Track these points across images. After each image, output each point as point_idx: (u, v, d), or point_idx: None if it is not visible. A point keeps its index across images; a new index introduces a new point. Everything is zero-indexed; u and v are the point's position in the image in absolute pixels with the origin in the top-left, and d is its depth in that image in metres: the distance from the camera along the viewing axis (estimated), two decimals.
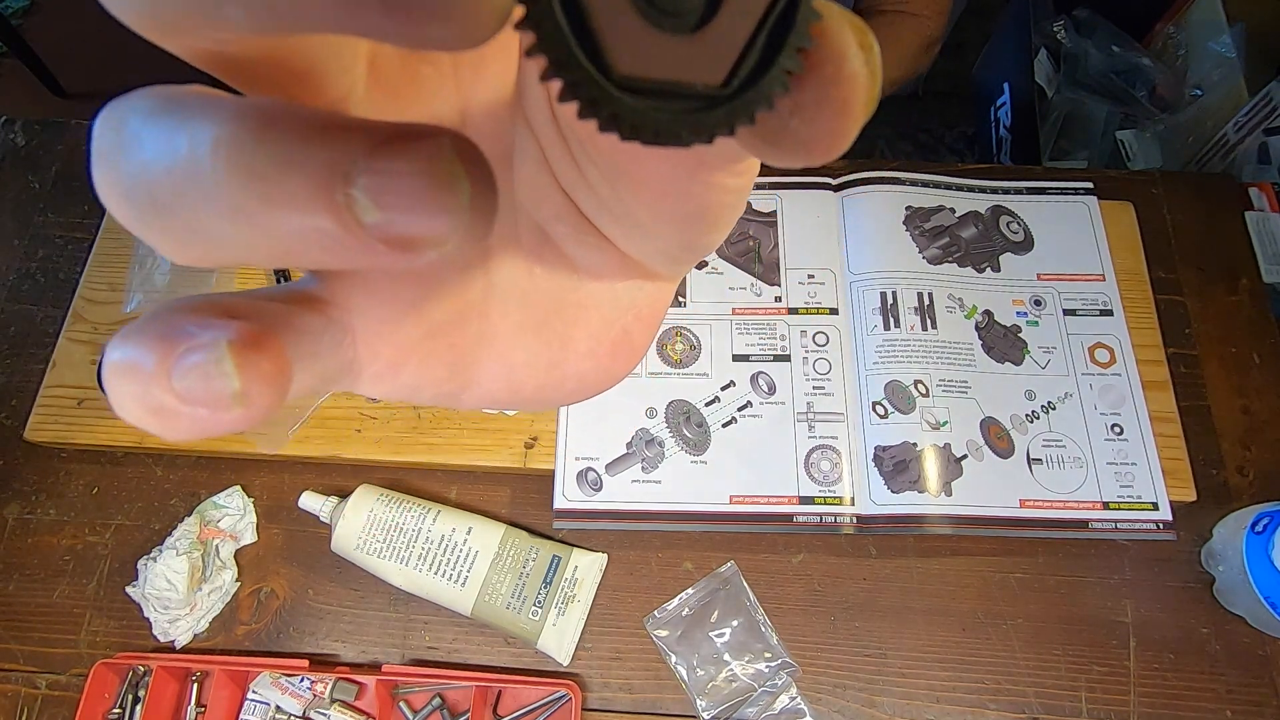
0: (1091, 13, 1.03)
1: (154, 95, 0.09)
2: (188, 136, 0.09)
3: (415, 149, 0.08)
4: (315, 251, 0.09)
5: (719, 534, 0.60)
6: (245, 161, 0.08)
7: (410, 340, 0.14)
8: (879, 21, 0.81)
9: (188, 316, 0.09)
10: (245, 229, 0.09)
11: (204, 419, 0.09)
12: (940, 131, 1.34)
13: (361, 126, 0.08)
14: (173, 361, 0.09)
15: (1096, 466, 0.60)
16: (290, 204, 0.08)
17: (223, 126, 0.08)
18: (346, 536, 0.56)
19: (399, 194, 0.08)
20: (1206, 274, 0.68)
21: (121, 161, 0.09)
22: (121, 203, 0.09)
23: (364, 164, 0.08)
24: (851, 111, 0.10)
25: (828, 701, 0.56)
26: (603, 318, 0.16)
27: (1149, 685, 0.56)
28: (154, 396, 0.09)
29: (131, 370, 0.09)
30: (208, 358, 0.09)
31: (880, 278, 0.65)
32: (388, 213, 0.08)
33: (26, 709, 0.56)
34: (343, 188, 0.08)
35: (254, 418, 0.09)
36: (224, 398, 0.09)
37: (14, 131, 0.76)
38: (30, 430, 0.61)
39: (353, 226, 0.08)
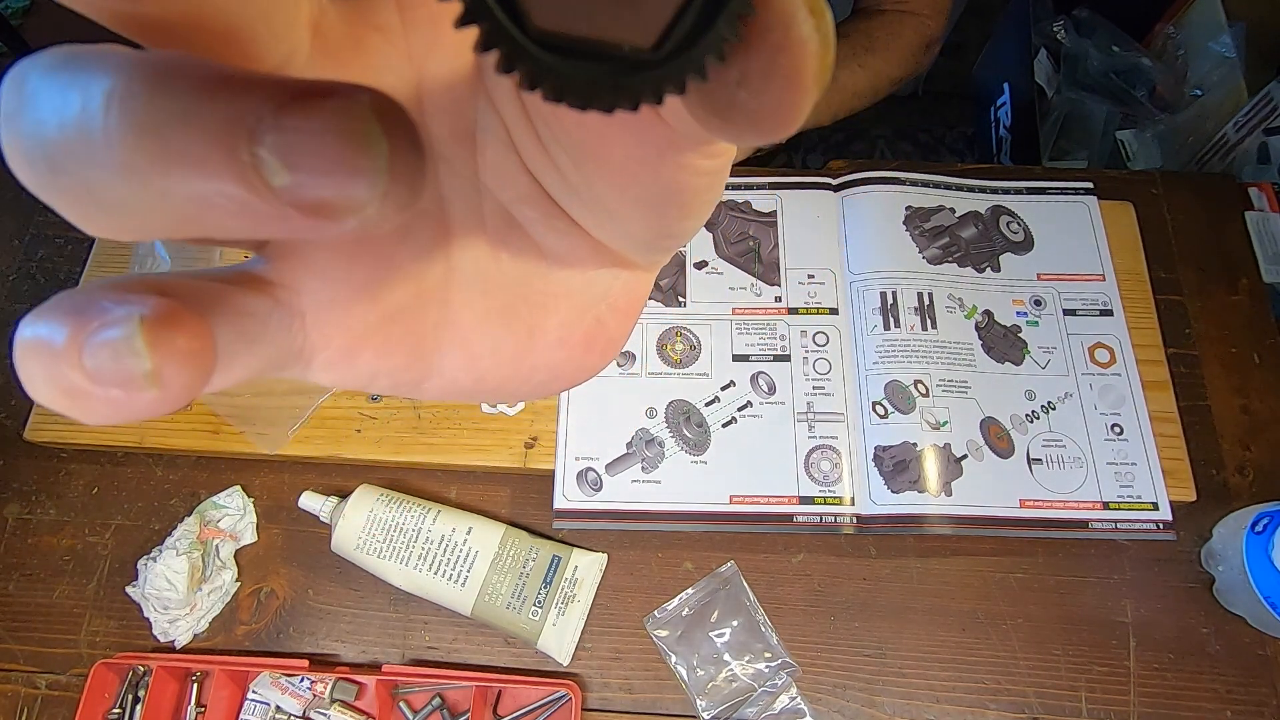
0: (1091, 13, 1.02)
1: (56, 51, 0.09)
2: (80, 91, 0.08)
3: (327, 105, 0.08)
4: (223, 218, 0.08)
5: (719, 534, 0.60)
6: (139, 117, 0.08)
7: (365, 325, 0.13)
8: (879, 21, 0.80)
9: (107, 293, 0.09)
10: (143, 192, 0.08)
11: (118, 401, 0.08)
12: (940, 131, 1.34)
13: (270, 81, 0.08)
14: (83, 339, 0.08)
15: (1096, 466, 0.60)
16: (189, 164, 0.08)
17: (116, 79, 0.08)
18: (346, 536, 0.56)
19: (309, 154, 0.07)
20: (1206, 274, 0.68)
21: (20, 121, 0.08)
22: (22, 164, 0.09)
23: (271, 120, 0.07)
24: (801, 81, 0.09)
25: (828, 701, 0.56)
26: (574, 306, 0.15)
27: (1149, 685, 0.56)
28: (64, 376, 0.08)
29: (41, 348, 0.08)
30: (119, 335, 0.08)
31: (880, 278, 0.65)
32: (298, 174, 0.08)
33: (26, 709, 0.56)
34: (247, 146, 0.07)
35: (171, 400, 0.09)
36: (136, 377, 0.08)
37: None
38: (30, 430, 0.61)
39: (260, 189, 0.08)
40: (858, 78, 0.78)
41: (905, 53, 0.81)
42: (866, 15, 0.81)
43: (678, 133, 0.11)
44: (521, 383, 0.15)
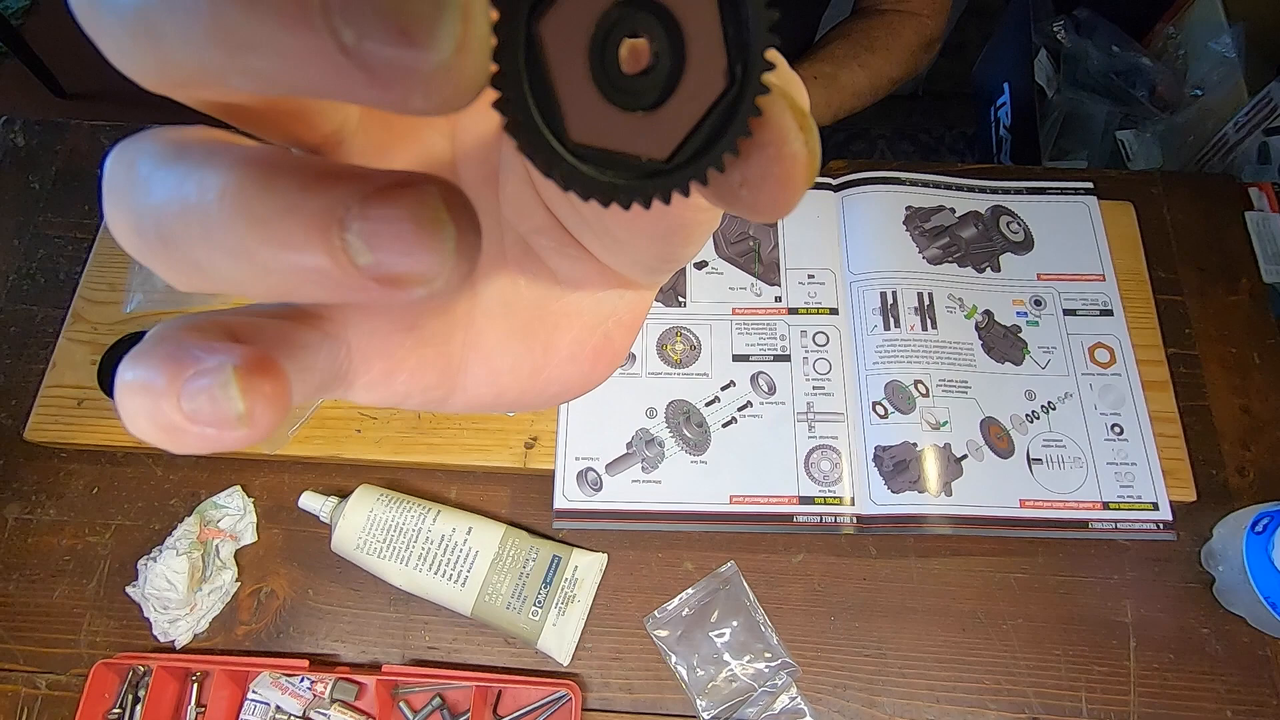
0: (1091, 13, 1.02)
1: (163, 140, 0.10)
2: (196, 184, 0.09)
3: (404, 196, 0.09)
4: (312, 288, 0.09)
5: (719, 534, 0.60)
6: (249, 208, 0.09)
7: (402, 351, 0.14)
8: (879, 21, 0.80)
9: (195, 339, 0.10)
10: (247, 267, 0.09)
11: (211, 437, 0.10)
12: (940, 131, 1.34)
13: (356, 175, 0.09)
14: (181, 384, 0.09)
15: (1096, 466, 0.60)
16: (290, 246, 0.09)
17: (229, 175, 0.09)
18: (346, 536, 0.56)
19: (390, 238, 0.09)
20: (1206, 274, 0.68)
21: (132, 201, 0.10)
22: (131, 237, 0.10)
23: (358, 210, 0.09)
24: (792, 185, 0.11)
25: (828, 701, 0.56)
26: (585, 324, 0.17)
27: (1149, 685, 0.56)
28: (165, 415, 0.10)
29: (143, 390, 0.10)
30: (215, 382, 0.09)
31: (880, 278, 0.65)
32: (379, 254, 0.09)
33: (26, 709, 0.56)
34: (339, 232, 0.09)
35: (257, 436, 0.10)
36: (230, 418, 0.09)
37: (14, 131, 0.76)
38: (30, 430, 0.61)
39: (347, 267, 0.09)
40: (858, 78, 0.78)
41: (905, 52, 0.81)
42: (866, 15, 0.81)
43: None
44: (536, 395, 0.17)
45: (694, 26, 0.10)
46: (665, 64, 0.10)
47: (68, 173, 0.73)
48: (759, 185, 0.11)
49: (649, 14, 0.10)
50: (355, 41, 0.08)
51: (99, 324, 0.65)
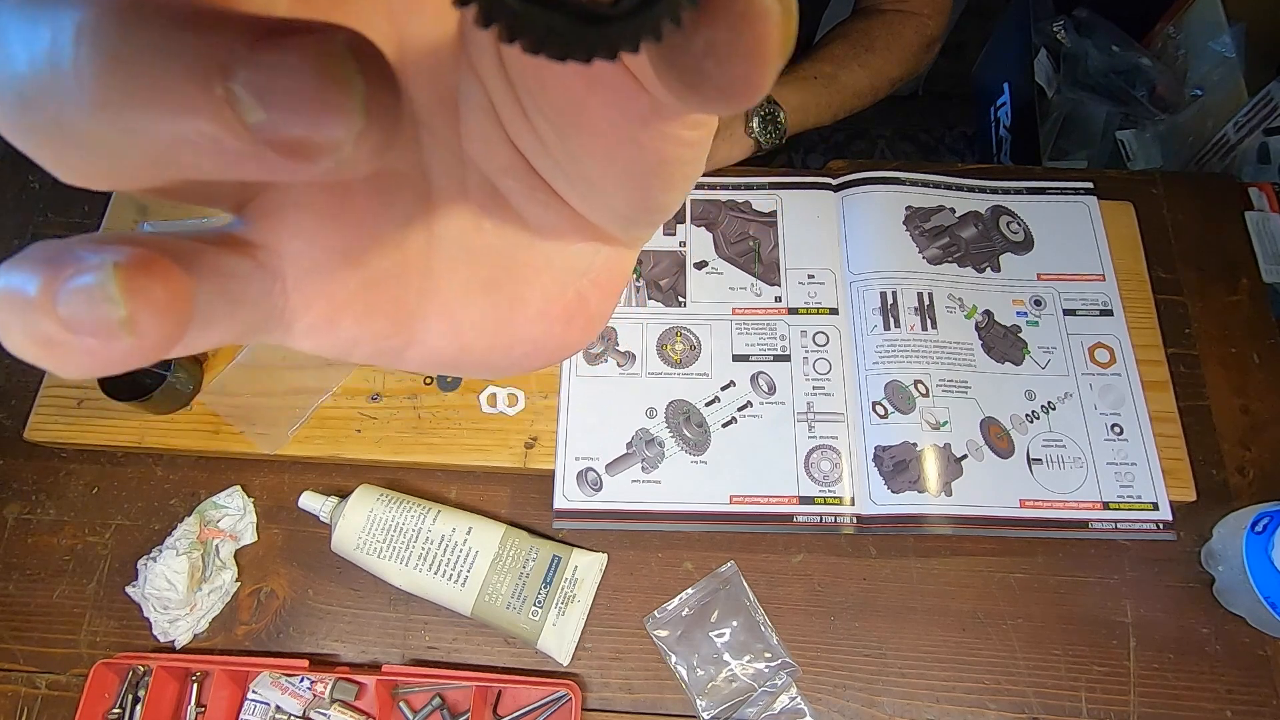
0: (1091, 13, 1.03)
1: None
2: (50, 24, 0.08)
3: (304, 42, 0.07)
4: (197, 157, 0.08)
5: (719, 534, 0.60)
6: (110, 51, 0.07)
7: (347, 291, 0.13)
8: (879, 21, 0.80)
9: (83, 244, 0.09)
10: (116, 130, 0.08)
11: (94, 350, 0.08)
12: (940, 131, 1.34)
13: (245, 17, 0.08)
14: (58, 286, 0.08)
15: (1096, 466, 0.60)
16: (163, 100, 0.08)
17: (86, 11, 0.08)
18: (346, 536, 0.56)
19: (284, 91, 0.07)
20: (1206, 274, 0.68)
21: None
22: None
23: (245, 55, 0.07)
24: (766, 53, 0.09)
25: (828, 701, 0.56)
26: (556, 279, 0.15)
27: (1149, 685, 0.56)
28: (39, 326, 0.08)
29: (15, 298, 0.08)
30: (94, 280, 0.08)
31: (880, 278, 0.65)
32: (273, 111, 0.07)
33: (26, 709, 0.56)
34: (221, 81, 0.07)
35: (148, 349, 0.08)
36: (111, 324, 0.08)
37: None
38: (30, 430, 0.61)
39: (235, 126, 0.08)
40: (858, 77, 0.78)
41: (905, 52, 0.81)
42: (866, 15, 0.81)
43: (658, 102, 0.11)
44: (503, 354, 0.15)
45: None
46: None
47: None
48: (727, 53, 0.09)
49: None
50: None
51: None
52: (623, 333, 0.64)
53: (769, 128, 0.72)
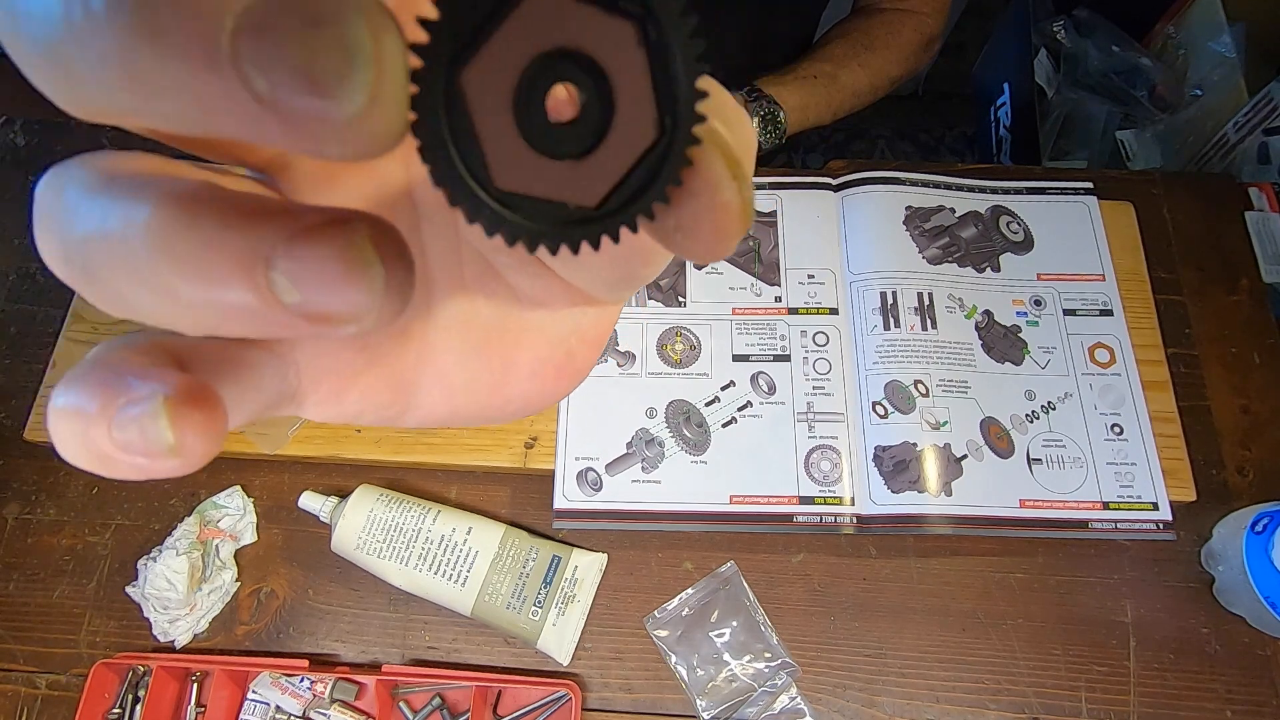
0: (1091, 13, 1.02)
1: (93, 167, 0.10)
2: (120, 217, 0.09)
3: (331, 235, 0.09)
4: (239, 324, 0.09)
5: (719, 534, 0.60)
6: (171, 246, 0.09)
7: (352, 369, 0.14)
8: (878, 20, 0.80)
9: (131, 364, 0.10)
10: (171, 303, 0.09)
11: (142, 466, 0.10)
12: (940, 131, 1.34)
13: (283, 212, 0.09)
14: (112, 413, 0.09)
15: (1096, 466, 0.60)
16: (214, 284, 0.09)
17: (153, 210, 0.09)
18: (346, 536, 0.56)
19: (316, 277, 0.09)
20: (1206, 274, 0.68)
21: (59, 229, 0.10)
22: (58, 264, 0.10)
23: (283, 250, 0.09)
24: (725, 233, 0.11)
25: (828, 701, 0.56)
26: (546, 341, 0.16)
27: (1149, 685, 0.56)
28: (95, 443, 0.09)
29: (74, 416, 0.10)
30: (145, 411, 0.09)
31: (880, 278, 0.65)
32: (306, 293, 0.09)
33: (26, 709, 0.56)
34: (263, 271, 0.09)
35: (189, 465, 0.10)
36: (159, 449, 0.09)
37: (14, 131, 0.76)
38: (30, 430, 0.61)
39: (274, 305, 0.09)
40: (857, 77, 0.78)
41: (905, 51, 0.81)
42: (866, 14, 0.81)
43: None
44: (496, 411, 0.17)
45: (622, 78, 0.10)
46: (593, 113, 0.10)
47: None
48: (692, 231, 0.11)
49: (575, 65, 0.10)
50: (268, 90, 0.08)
51: (99, 324, 0.65)
52: (623, 333, 0.64)
53: (769, 128, 0.72)
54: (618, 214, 0.11)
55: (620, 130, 0.10)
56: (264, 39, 0.08)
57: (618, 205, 0.10)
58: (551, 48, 0.10)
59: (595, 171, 0.10)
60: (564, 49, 0.10)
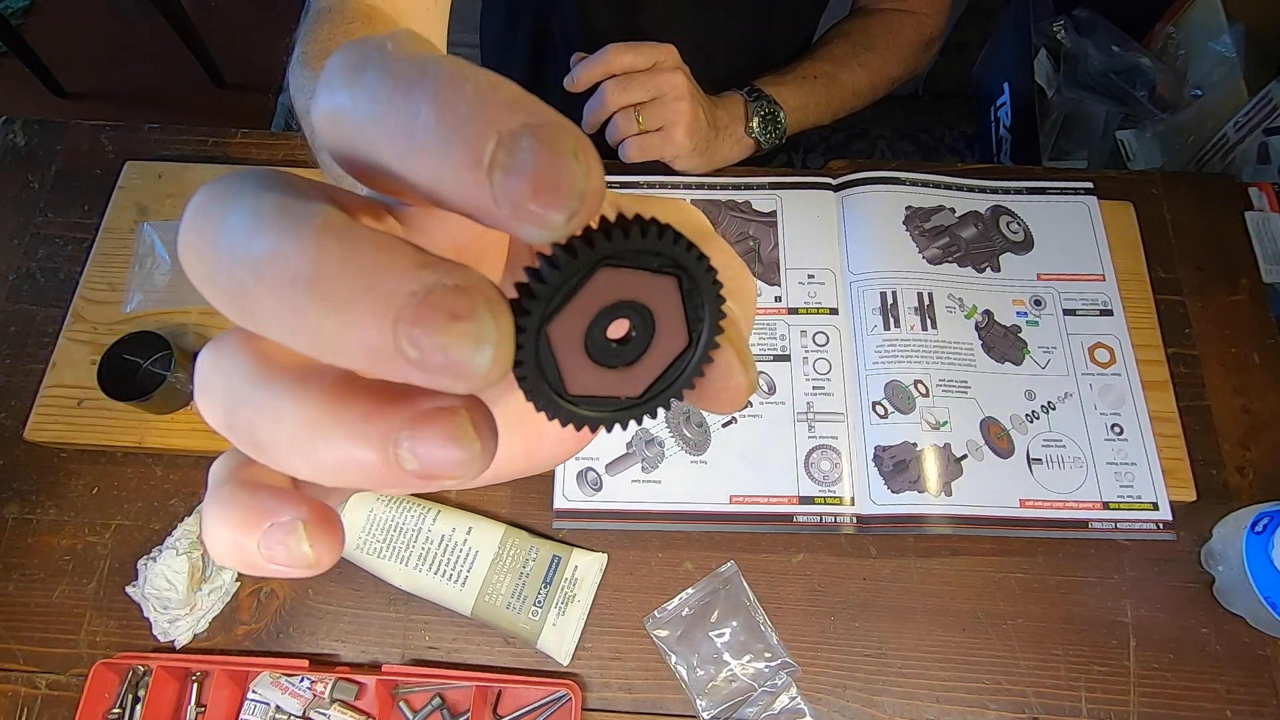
0: (1091, 13, 1.02)
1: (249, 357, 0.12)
2: (285, 407, 0.12)
3: (443, 421, 0.11)
4: (367, 480, 0.12)
5: (719, 534, 0.60)
6: (324, 432, 0.11)
7: None
8: (878, 20, 0.80)
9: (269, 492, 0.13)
10: (320, 469, 0.12)
11: (282, 571, 0.12)
12: (940, 131, 1.34)
13: (406, 398, 0.12)
14: (261, 533, 0.12)
15: (1096, 466, 0.60)
16: (354, 459, 0.11)
17: (308, 406, 0.11)
18: (346, 536, 0.56)
19: (431, 451, 0.11)
20: (1206, 274, 0.68)
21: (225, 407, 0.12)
22: (224, 429, 0.12)
23: (408, 433, 0.11)
24: (737, 402, 0.15)
25: (828, 701, 0.56)
26: None
27: (1149, 685, 0.56)
28: (245, 552, 0.12)
29: (228, 531, 0.12)
30: (290, 534, 0.12)
31: (880, 278, 0.65)
32: (422, 462, 0.11)
33: (26, 709, 0.56)
34: (393, 449, 0.11)
35: (319, 570, 0.12)
36: (299, 561, 0.12)
37: (14, 131, 0.76)
38: (30, 430, 0.61)
39: (397, 470, 0.11)
40: (857, 77, 0.78)
41: (904, 51, 0.81)
42: (866, 14, 0.81)
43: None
44: (526, 471, 0.19)
45: (663, 310, 0.14)
46: (641, 335, 0.14)
47: (67, 173, 0.73)
48: (712, 402, 0.15)
49: (630, 307, 0.13)
50: (418, 360, 0.11)
51: (99, 324, 0.65)
52: None
53: (769, 127, 0.72)
54: (655, 399, 0.14)
55: (659, 345, 0.14)
56: (417, 329, 0.10)
57: (655, 394, 0.14)
58: (614, 302, 0.13)
59: (641, 373, 0.14)
60: (623, 301, 0.13)
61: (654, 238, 0.13)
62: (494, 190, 0.11)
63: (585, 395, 0.14)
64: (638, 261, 0.13)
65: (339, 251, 0.11)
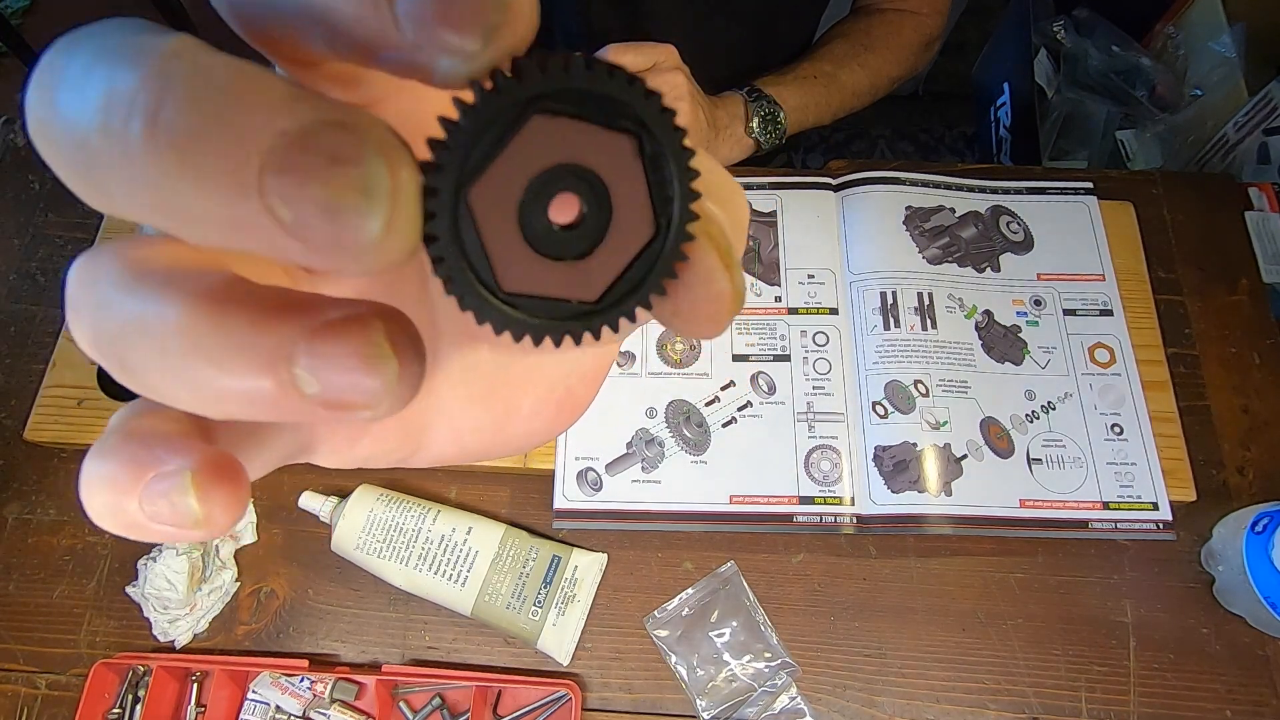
0: (1091, 13, 1.02)
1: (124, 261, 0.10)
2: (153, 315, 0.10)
3: (349, 332, 0.09)
4: (261, 411, 0.10)
5: (719, 534, 0.60)
6: (201, 343, 0.09)
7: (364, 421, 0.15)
8: (878, 20, 0.80)
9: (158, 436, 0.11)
10: (198, 393, 0.10)
11: (169, 534, 0.10)
12: (940, 131, 1.34)
13: (304, 307, 0.09)
14: (141, 487, 0.10)
15: (1096, 466, 0.60)
16: (240, 378, 0.09)
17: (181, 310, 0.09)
18: (346, 536, 0.56)
19: (335, 371, 0.09)
20: (1206, 274, 0.68)
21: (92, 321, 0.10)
22: (91, 350, 0.10)
23: (305, 347, 0.09)
24: (719, 318, 0.12)
25: (828, 701, 0.56)
26: (547, 382, 0.17)
27: (1149, 685, 0.56)
28: (125, 513, 0.10)
29: (106, 487, 0.10)
30: (172, 486, 0.10)
31: (880, 278, 0.65)
32: (325, 385, 0.09)
33: (26, 709, 0.56)
34: (286, 367, 0.09)
35: (214, 533, 0.10)
36: (187, 520, 0.10)
37: (14, 131, 0.76)
38: (30, 430, 0.61)
39: (294, 396, 0.09)
40: (857, 77, 0.78)
41: (904, 52, 0.81)
42: (865, 14, 0.81)
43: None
44: (501, 449, 0.17)
45: (620, 185, 0.11)
46: (593, 217, 0.11)
47: None
48: (689, 318, 0.12)
49: (576, 176, 0.10)
50: (292, 221, 0.08)
51: None
52: None
53: (769, 128, 0.72)
54: (617, 306, 0.11)
55: (618, 231, 0.11)
56: (289, 176, 0.08)
57: (617, 298, 0.11)
58: (554, 164, 0.10)
59: (595, 269, 0.11)
60: (566, 164, 0.10)
61: (603, 77, 0.10)
62: (393, 10, 0.09)
63: (524, 294, 0.11)
64: (583, 110, 0.10)
65: (190, 81, 0.09)
